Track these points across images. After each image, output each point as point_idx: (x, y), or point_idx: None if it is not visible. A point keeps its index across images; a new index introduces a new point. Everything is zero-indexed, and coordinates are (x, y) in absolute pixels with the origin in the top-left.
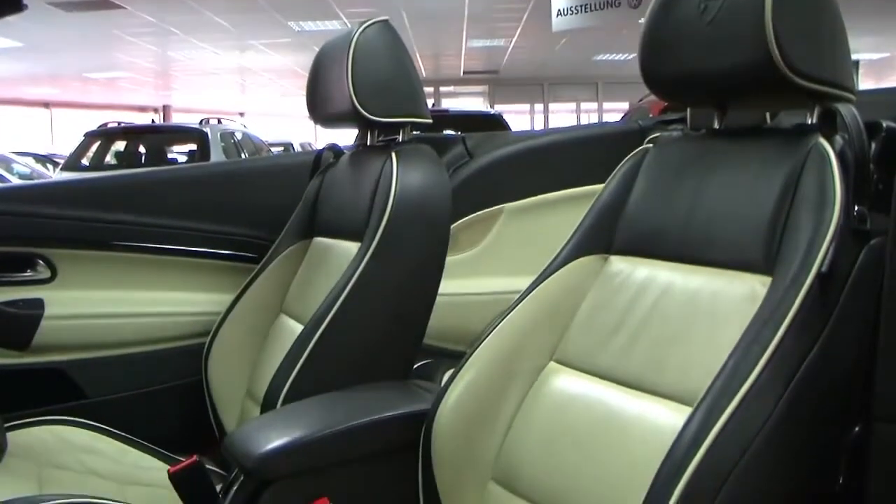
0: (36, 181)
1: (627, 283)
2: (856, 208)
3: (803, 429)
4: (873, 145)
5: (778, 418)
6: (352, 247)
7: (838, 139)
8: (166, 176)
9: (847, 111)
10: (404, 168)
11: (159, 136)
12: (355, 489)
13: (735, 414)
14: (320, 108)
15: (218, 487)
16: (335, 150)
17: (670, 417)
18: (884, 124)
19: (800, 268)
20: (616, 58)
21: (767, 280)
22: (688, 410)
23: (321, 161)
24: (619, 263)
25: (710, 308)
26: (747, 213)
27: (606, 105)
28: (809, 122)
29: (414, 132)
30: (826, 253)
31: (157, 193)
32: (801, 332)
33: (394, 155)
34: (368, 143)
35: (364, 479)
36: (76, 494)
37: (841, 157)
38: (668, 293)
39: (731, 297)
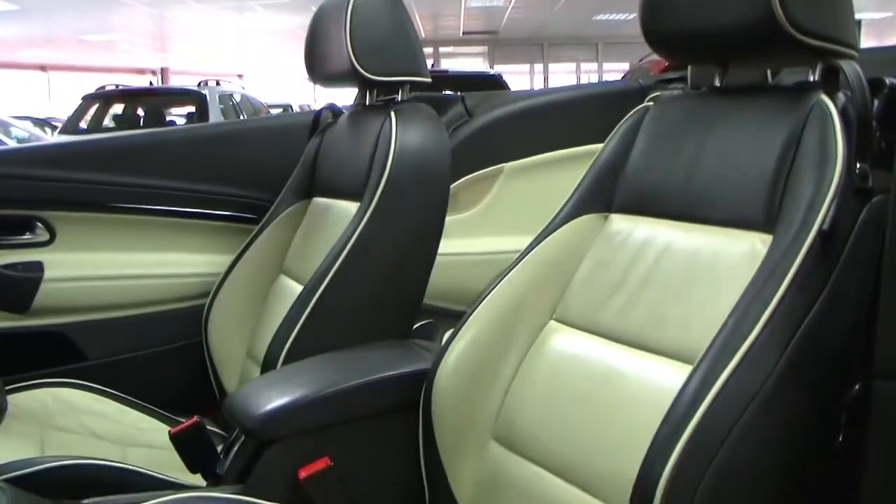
0: (34, 143)
1: (628, 241)
2: (858, 166)
3: (803, 386)
4: (876, 102)
5: (778, 376)
6: (351, 206)
7: (841, 96)
8: (165, 137)
9: (850, 68)
10: (403, 127)
11: (157, 98)
12: (356, 448)
13: (735, 372)
14: (319, 68)
15: (219, 448)
16: (334, 110)
17: (671, 376)
18: (887, 81)
19: (801, 225)
20: (616, 17)
21: (768, 238)
22: (688, 369)
23: (320, 121)
24: (619, 222)
25: (711, 266)
26: (748, 170)
27: (606, 65)
28: (811, 79)
29: (413, 92)
30: (827, 211)
31: (156, 155)
32: (802, 290)
33: (393, 114)
34: (367, 103)
35: (365, 438)
36: (78, 456)
37: (843, 114)
38: (668, 251)
39: (732, 255)
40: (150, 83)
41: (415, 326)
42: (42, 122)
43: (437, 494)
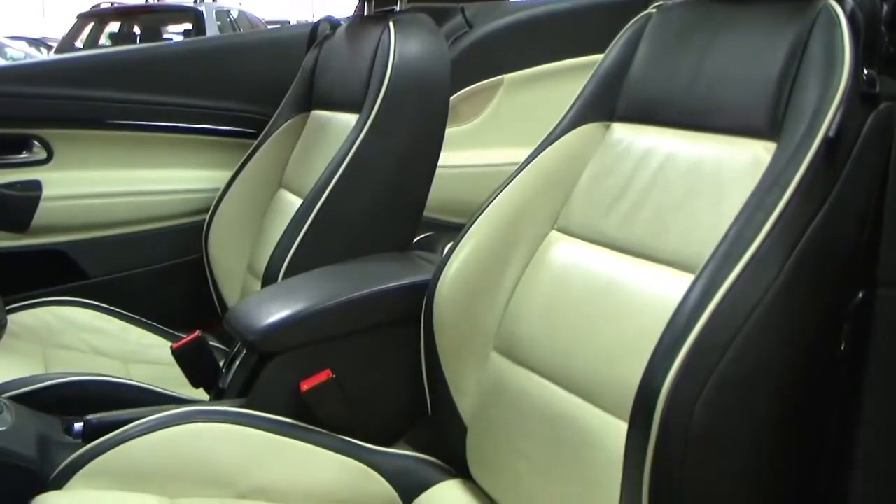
0: (28, 60)
1: (630, 150)
2: (865, 71)
3: (806, 295)
4: (885, 7)
5: (781, 285)
6: (350, 118)
7: (849, 1)
8: (162, 52)
9: None
10: (402, 38)
11: (154, 16)
12: (358, 361)
13: (738, 280)
14: None
15: (221, 363)
16: (332, 21)
17: (673, 285)
18: None
19: (806, 132)
20: None
21: (772, 146)
22: (691, 278)
23: (318, 33)
24: (621, 131)
25: (714, 175)
26: (753, 77)
27: None
28: None
29: (411, 2)
30: (833, 117)
31: (154, 70)
32: (807, 197)
33: (391, 24)
34: (365, 14)
35: (366, 350)
36: (81, 373)
37: (851, 18)
38: (671, 160)
39: (736, 163)
40: (146, 0)
41: (415, 239)
42: (37, 42)
43: (439, 405)
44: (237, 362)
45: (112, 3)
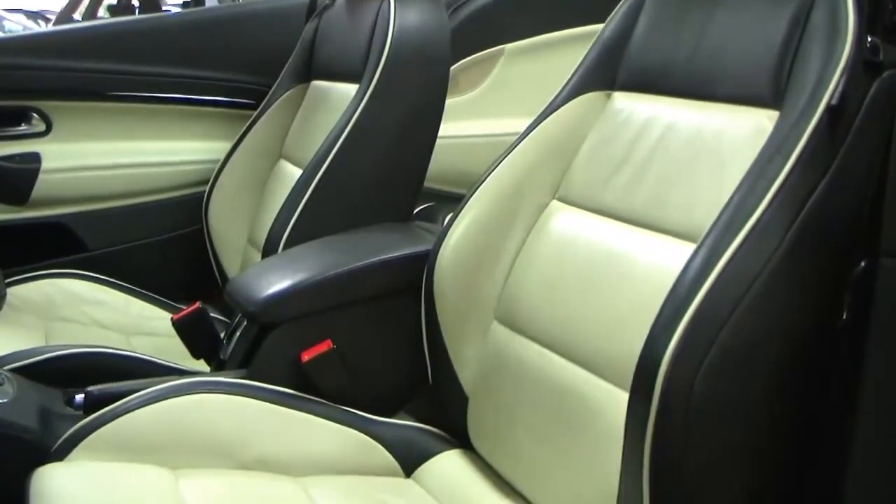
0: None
1: (631, 119)
2: (868, 39)
3: (808, 264)
4: None
5: (783, 254)
6: (350, 88)
7: None
8: (161, 22)
9: None
10: (402, 7)
11: None
12: (358, 331)
13: (739, 249)
14: None
15: (221, 335)
16: None
17: (674, 254)
18: None
19: (809, 101)
20: None
21: (775, 114)
22: (692, 247)
23: (317, 3)
24: (622, 100)
25: (716, 144)
26: (755, 45)
27: None
28: None
29: None
30: (837, 85)
31: (153, 41)
32: (809, 166)
33: None
34: None
35: (367, 320)
36: (83, 345)
37: None
38: (672, 129)
39: (738, 132)
40: None
41: (416, 210)
42: (35, 15)
43: (440, 374)
44: (238, 333)
45: None
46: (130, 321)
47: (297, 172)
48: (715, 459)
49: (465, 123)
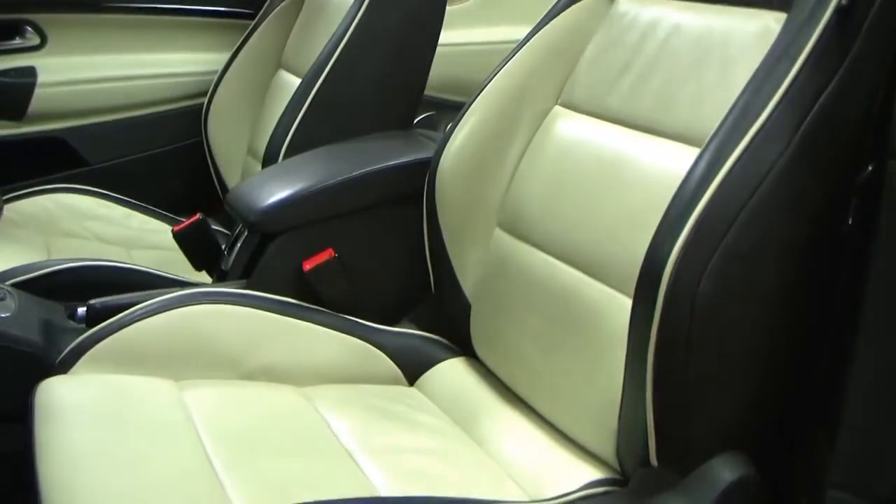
0: None
1: (635, 22)
2: None
3: (814, 168)
4: None
5: (789, 157)
6: None
7: None
8: None
9: None
10: None
11: None
12: (360, 239)
13: (745, 152)
14: None
15: (223, 247)
16: None
17: (679, 158)
18: None
19: (818, 2)
20: None
21: (782, 16)
22: (697, 151)
23: None
24: (626, 3)
25: (722, 46)
26: None
27: None
28: None
29: None
30: None
31: None
32: (817, 68)
33: None
34: None
35: (368, 228)
36: (84, 258)
37: None
38: (678, 32)
39: (744, 34)
40: None
41: (417, 119)
42: None
43: (442, 282)
44: (239, 244)
45: None
46: (132, 234)
47: (296, 82)
48: (717, 364)
49: (465, 31)
